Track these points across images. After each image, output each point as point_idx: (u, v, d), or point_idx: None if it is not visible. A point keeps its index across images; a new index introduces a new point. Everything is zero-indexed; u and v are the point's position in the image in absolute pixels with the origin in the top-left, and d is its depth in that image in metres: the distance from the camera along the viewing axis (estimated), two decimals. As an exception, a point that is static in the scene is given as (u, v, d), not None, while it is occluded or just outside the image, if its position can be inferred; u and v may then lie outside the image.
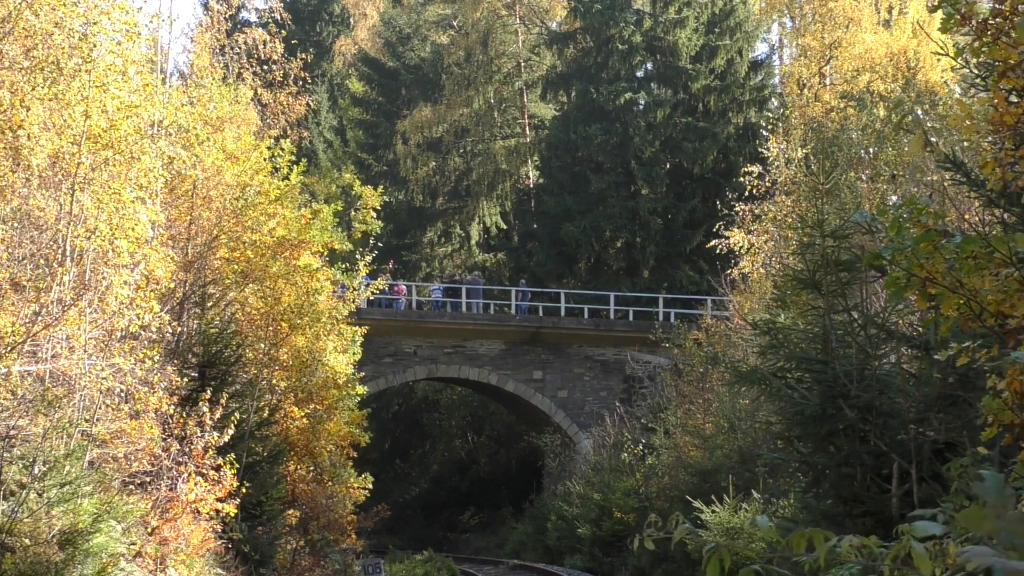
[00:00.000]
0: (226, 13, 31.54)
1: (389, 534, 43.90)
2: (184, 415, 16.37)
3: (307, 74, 31.76)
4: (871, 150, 26.06)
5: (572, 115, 47.73)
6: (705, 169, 46.21)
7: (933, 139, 6.76)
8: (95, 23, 14.36)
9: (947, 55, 8.25)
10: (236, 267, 21.56)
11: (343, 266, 29.64)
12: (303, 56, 31.93)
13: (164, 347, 17.34)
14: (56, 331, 13.87)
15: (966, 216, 14.36)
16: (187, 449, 16.25)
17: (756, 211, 30.01)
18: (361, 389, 28.18)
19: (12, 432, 13.20)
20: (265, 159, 23.10)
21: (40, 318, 13.38)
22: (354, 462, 27.82)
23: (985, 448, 8.57)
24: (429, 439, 54.68)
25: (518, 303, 43.32)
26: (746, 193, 31.50)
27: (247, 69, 29.28)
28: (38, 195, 14.15)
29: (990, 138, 7.60)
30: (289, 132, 29.51)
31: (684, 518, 3.57)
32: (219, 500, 16.50)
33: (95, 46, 14.08)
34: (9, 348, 12.93)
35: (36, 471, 13.21)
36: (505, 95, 53.95)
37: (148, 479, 16.12)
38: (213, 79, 25.17)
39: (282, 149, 24.60)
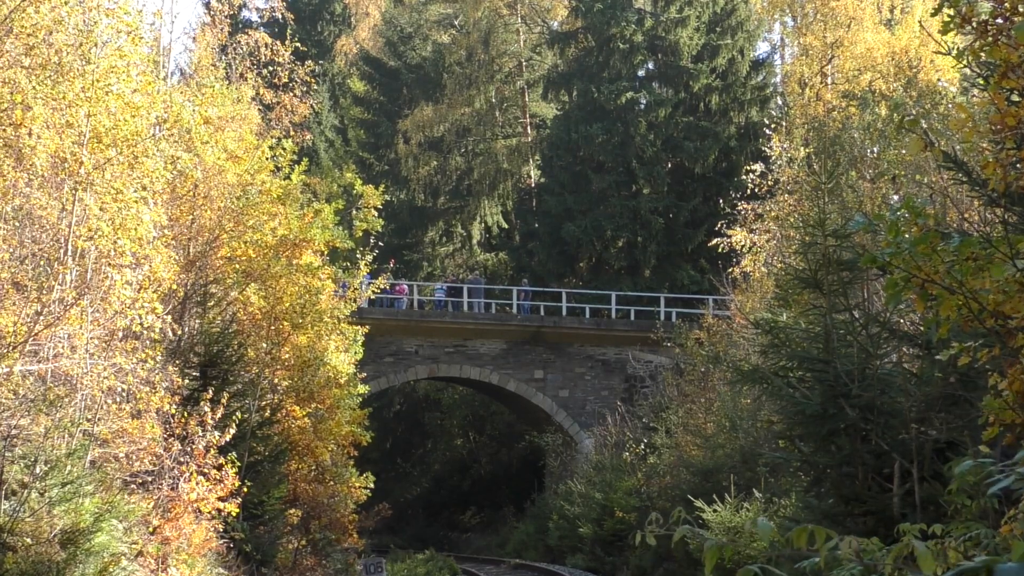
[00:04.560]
0: (227, 12, 31.49)
1: (390, 533, 43.92)
2: (186, 414, 16.37)
3: (313, 79, 31.76)
4: (874, 149, 26.05)
5: (573, 114, 47.72)
6: (706, 168, 46.20)
7: (933, 140, 6.76)
8: (96, 23, 14.37)
9: (948, 54, 8.25)
10: (238, 266, 21.57)
11: (344, 264, 29.63)
12: (311, 63, 31.98)
13: (166, 347, 17.35)
14: (58, 331, 13.88)
15: (967, 216, 14.37)
16: (189, 448, 16.26)
17: (758, 210, 30.01)
18: (362, 388, 28.19)
19: (14, 431, 13.21)
20: (267, 159, 23.12)
21: (42, 318, 13.40)
22: (355, 461, 27.82)
23: (986, 447, 8.57)
24: (430, 438, 54.68)
25: (519, 302, 43.32)
26: (748, 192, 31.50)
27: (250, 70, 29.28)
28: (40, 195, 14.16)
29: (991, 139, 7.60)
30: (292, 134, 29.48)
31: (686, 515, 3.58)
32: (221, 499, 16.51)
33: (96, 45, 14.09)
34: (11, 347, 12.94)
35: (38, 470, 13.22)
36: (506, 94, 53.94)
37: (150, 478, 16.13)
38: (215, 78, 25.17)
39: (283, 149, 24.61)
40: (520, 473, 48.17)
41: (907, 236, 6.25)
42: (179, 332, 18.40)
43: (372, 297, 32.61)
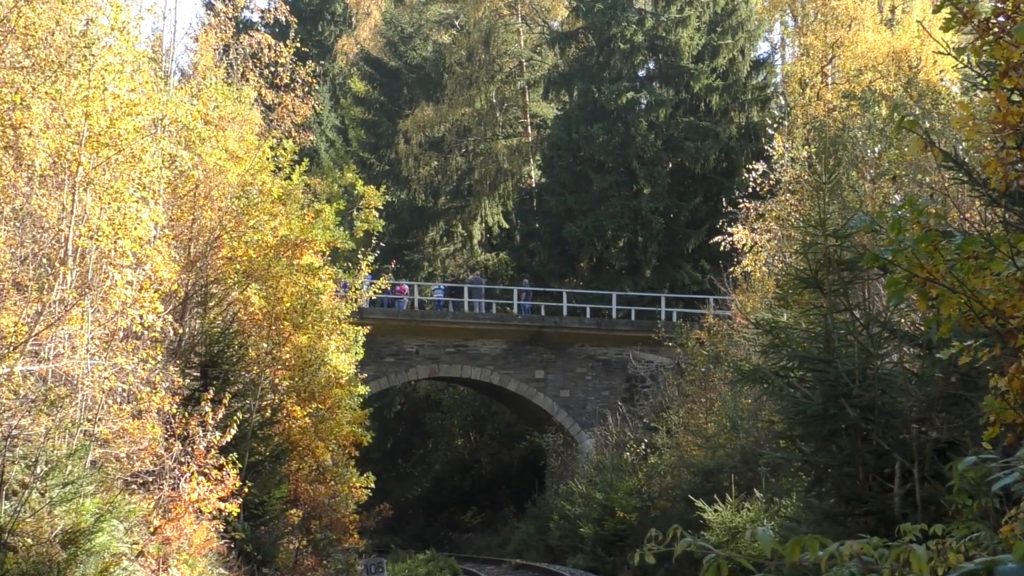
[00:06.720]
0: (230, 13, 31.44)
1: (391, 533, 43.91)
2: (186, 415, 16.37)
3: (314, 79, 31.76)
4: (876, 149, 26.04)
5: (574, 114, 47.72)
6: (707, 168, 46.19)
7: (933, 139, 6.76)
8: (92, 20, 14.36)
9: (949, 54, 8.25)
10: (238, 267, 21.56)
11: (345, 265, 29.61)
12: (312, 64, 31.97)
13: (166, 347, 17.34)
14: (58, 331, 13.87)
15: (968, 215, 14.36)
16: (189, 449, 16.26)
17: (760, 209, 29.99)
18: (363, 389, 28.17)
19: (15, 432, 13.20)
20: (268, 159, 23.11)
21: (42, 318, 13.39)
22: (356, 461, 27.81)
23: (988, 447, 8.57)
24: (431, 438, 54.69)
25: (520, 302, 43.31)
26: (749, 191, 31.48)
27: (251, 71, 29.24)
28: (40, 195, 14.16)
29: (992, 137, 7.59)
30: (294, 134, 29.45)
31: (683, 530, 3.57)
32: (221, 500, 16.51)
33: (93, 43, 14.08)
34: (11, 348, 12.94)
35: (39, 471, 13.22)
36: (507, 94, 53.94)
37: (150, 479, 16.12)
38: (217, 78, 25.15)
39: (284, 149, 24.60)
40: (521, 473, 48.16)
41: (908, 235, 6.24)
42: (180, 332, 18.40)
43: (373, 297, 32.63)
